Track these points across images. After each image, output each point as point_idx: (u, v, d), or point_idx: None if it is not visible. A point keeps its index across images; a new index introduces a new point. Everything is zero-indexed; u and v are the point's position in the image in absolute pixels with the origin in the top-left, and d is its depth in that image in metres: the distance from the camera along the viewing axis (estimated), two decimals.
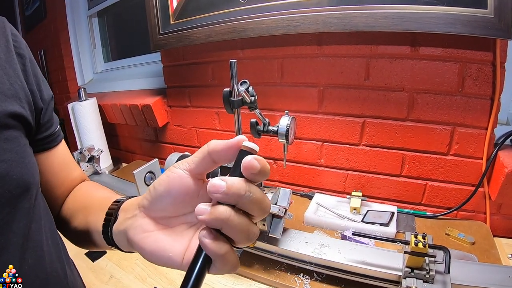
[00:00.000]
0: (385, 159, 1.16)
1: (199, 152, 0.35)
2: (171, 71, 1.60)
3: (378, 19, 0.94)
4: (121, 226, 0.42)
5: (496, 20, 0.81)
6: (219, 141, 0.34)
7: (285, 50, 1.21)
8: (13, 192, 0.41)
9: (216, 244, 0.31)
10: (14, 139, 0.44)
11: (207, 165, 0.35)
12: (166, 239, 0.37)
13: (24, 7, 2.51)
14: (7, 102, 0.43)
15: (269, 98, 1.29)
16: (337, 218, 1.11)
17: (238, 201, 0.31)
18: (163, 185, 0.37)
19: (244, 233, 0.32)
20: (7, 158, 0.41)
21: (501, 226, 1.05)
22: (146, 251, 0.37)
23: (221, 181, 0.31)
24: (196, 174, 0.36)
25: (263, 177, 0.32)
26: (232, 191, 0.31)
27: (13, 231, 0.42)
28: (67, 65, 2.20)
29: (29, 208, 0.45)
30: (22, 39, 0.52)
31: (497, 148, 0.99)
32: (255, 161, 0.31)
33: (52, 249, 0.50)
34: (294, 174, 1.36)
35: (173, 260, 0.36)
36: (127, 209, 0.44)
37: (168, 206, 0.37)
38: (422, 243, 0.69)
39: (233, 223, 0.31)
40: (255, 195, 0.32)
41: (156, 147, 1.84)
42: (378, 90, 1.09)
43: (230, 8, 1.19)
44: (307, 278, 0.88)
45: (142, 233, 0.38)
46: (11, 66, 0.47)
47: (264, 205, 0.33)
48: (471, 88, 0.97)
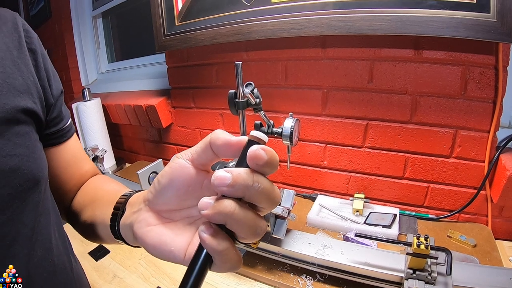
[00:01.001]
0: (387, 161, 1.16)
1: (201, 143, 0.34)
2: (176, 72, 1.61)
3: (381, 22, 0.94)
4: (127, 220, 0.42)
5: (499, 24, 0.81)
6: (221, 135, 0.32)
7: (289, 52, 1.22)
8: (24, 186, 0.42)
9: (215, 240, 0.29)
10: (25, 134, 0.45)
11: (209, 157, 0.34)
12: (168, 233, 0.36)
13: (28, 6, 2.52)
14: (19, 98, 0.44)
15: (273, 100, 1.30)
16: (340, 220, 1.11)
17: (246, 193, 0.29)
18: (166, 176, 0.36)
19: (251, 227, 0.30)
20: (19, 152, 0.42)
21: (503, 228, 1.05)
22: (149, 245, 0.36)
23: (226, 172, 0.29)
24: (198, 165, 0.35)
25: (271, 169, 0.30)
26: (239, 182, 0.28)
27: (23, 223, 0.43)
28: (71, 65, 2.21)
29: (38, 201, 0.46)
30: (34, 33, 0.53)
31: (499, 151, 0.99)
32: (261, 151, 0.29)
33: (60, 242, 0.52)
34: (297, 175, 1.37)
35: (175, 255, 0.35)
36: (134, 203, 0.43)
37: (172, 198, 0.37)
38: (424, 245, 0.70)
39: (239, 217, 0.29)
40: (263, 185, 0.29)
41: (160, 148, 1.85)
42: (382, 92, 1.10)
43: (234, 10, 1.19)
44: (309, 278, 0.88)
45: (145, 226, 0.37)
46: (23, 62, 0.48)
47: (273, 196, 0.31)
48: (474, 92, 0.98)
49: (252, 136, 0.31)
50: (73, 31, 2.18)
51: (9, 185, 0.40)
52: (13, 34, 0.48)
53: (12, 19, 0.50)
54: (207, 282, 0.91)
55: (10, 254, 0.41)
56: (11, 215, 0.41)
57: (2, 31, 0.47)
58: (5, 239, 0.40)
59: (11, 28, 0.48)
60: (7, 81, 0.44)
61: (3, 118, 0.41)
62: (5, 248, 0.40)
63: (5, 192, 0.40)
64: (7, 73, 0.44)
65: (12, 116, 0.42)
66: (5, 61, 0.45)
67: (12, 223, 0.41)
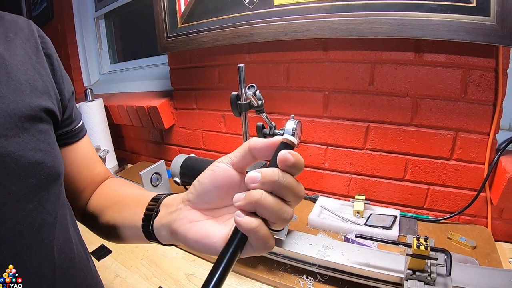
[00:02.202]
0: (388, 163, 1.17)
1: (241, 148, 0.39)
2: (178, 73, 1.61)
3: (383, 25, 0.95)
4: (163, 220, 0.45)
5: (499, 28, 0.82)
6: (259, 139, 0.37)
7: (291, 55, 1.23)
8: (48, 178, 0.46)
9: (248, 219, 0.34)
10: (46, 132, 0.48)
11: (248, 160, 0.39)
12: (211, 226, 0.40)
13: (31, 7, 2.52)
14: (41, 98, 0.48)
15: (274, 102, 1.31)
16: (341, 221, 1.11)
17: (273, 187, 0.34)
18: (208, 178, 0.40)
19: (277, 212, 0.34)
20: (42, 147, 0.46)
21: (503, 230, 1.06)
22: (191, 239, 0.40)
23: (257, 173, 0.34)
24: (237, 168, 0.40)
25: (297, 170, 0.35)
26: (267, 179, 0.34)
27: (48, 212, 0.47)
28: (74, 66, 2.22)
29: (58, 194, 0.50)
30: (48, 38, 0.57)
31: (499, 154, 1.00)
32: (289, 155, 0.34)
33: (75, 234, 0.55)
34: (298, 177, 1.36)
35: (216, 246, 0.38)
36: (170, 204, 0.47)
37: (213, 198, 0.41)
38: (424, 246, 0.70)
39: (266, 203, 0.34)
40: (288, 181, 0.34)
41: (162, 149, 1.85)
42: (382, 95, 1.11)
43: (237, 12, 1.20)
44: (310, 279, 0.89)
45: (188, 223, 0.41)
46: (42, 66, 0.51)
47: (298, 190, 0.36)
48: (474, 94, 0.98)
49: (285, 139, 0.36)
50: (76, 32, 2.19)
51: (35, 176, 0.44)
52: (30, 40, 0.52)
53: (28, 25, 0.53)
54: None
55: (37, 239, 0.45)
56: (37, 204, 0.45)
57: (20, 37, 0.50)
58: (32, 224, 0.44)
59: (28, 34, 0.52)
60: (29, 82, 0.47)
61: (29, 116, 0.45)
62: (34, 232, 0.44)
63: (33, 182, 0.44)
64: (28, 76, 0.48)
65: (36, 114, 0.46)
66: (26, 65, 0.48)
67: (38, 211, 0.45)
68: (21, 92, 0.45)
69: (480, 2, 0.83)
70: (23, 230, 0.43)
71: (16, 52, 0.48)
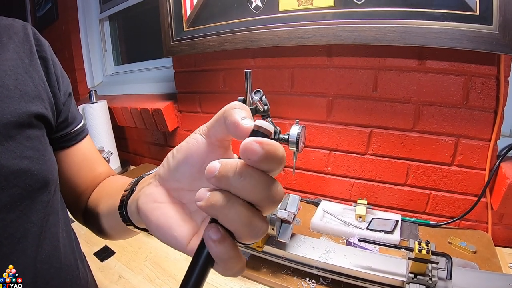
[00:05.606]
0: (390, 168, 1.18)
1: (217, 114, 0.30)
2: (183, 77, 1.62)
3: (386, 33, 0.96)
4: (135, 196, 0.38)
5: (501, 36, 0.83)
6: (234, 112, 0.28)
7: (295, 60, 1.24)
8: (33, 186, 0.45)
9: (221, 247, 0.26)
10: (36, 138, 0.47)
11: (224, 131, 0.29)
12: (175, 217, 0.32)
13: (36, 7, 2.53)
14: (31, 103, 0.47)
15: (279, 107, 1.32)
16: (343, 225, 1.12)
17: (229, 186, 0.26)
18: (181, 151, 0.33)
19: (245, 226, 0.26)
20: (29, 155, 0.45)
21: (503, 236, 1.07)
22: (152, 223, 0.32)
23: (217, 163, 0.26)
24: (214, 140, 0.32)
25: (269, 165, 0.25)
26: (222, 174, 0.25)
27: (32, 221, 0.45)
28: (78, 67, 2.23)
29: (47, 201, 0.48)
30: (45, 40, 0.56)
31: (500, 160, 1.01)
32: (255, 145, 0.24)
33: (67, 241, 0.54)
34: (301, 181, 1.39)
35: (177, 241, 0.31)
36: (145, 180, 0.41)
37: (184, 175, 0.33)
38: (425, 250, 0.71)
39: (229, 212, 0.25)
40: (251, 181, 0.25)
41: (165, 151, 1.85)
42: (385, 101, 1.12)
43: (243, 17, 1.21)
44: (313, 282, 0.90)
45: (152, 202, 0.33)
46: (35, 69, 0.51)
47: (268, 194, 0.26)
48: (475, 101, 1.00)
49: (256, 126, 0.26)
50: (80, 33, 2.20)
51: (19, 186, 0.43)
52: (25, 43, 0.51)
53: (23, 29, 0.53)
54: (212, 284, 0.93)
55: (19, 249, 0.43)
56: (20, 214, 0.43)
57: (14, 41, 0.50)
58: (14, 235, 0.43)
59: (22, 38, 0.51)
60: (19, 87, 0.46)
61: (15, 122, 0.44)
62: (15, 243, 0.43)
63: (15, 192, 0.43)
64: (18, 80, 0.47)
65: (23, 121, 0.45)
66: (17, 69, 0.48)
67: (21, 221, 0.44)
68: (7, 99, 0.44)
69: (483, 11, 0.84)
70: (2, 241, 0.41)
71: (7, 56, 0.47)
